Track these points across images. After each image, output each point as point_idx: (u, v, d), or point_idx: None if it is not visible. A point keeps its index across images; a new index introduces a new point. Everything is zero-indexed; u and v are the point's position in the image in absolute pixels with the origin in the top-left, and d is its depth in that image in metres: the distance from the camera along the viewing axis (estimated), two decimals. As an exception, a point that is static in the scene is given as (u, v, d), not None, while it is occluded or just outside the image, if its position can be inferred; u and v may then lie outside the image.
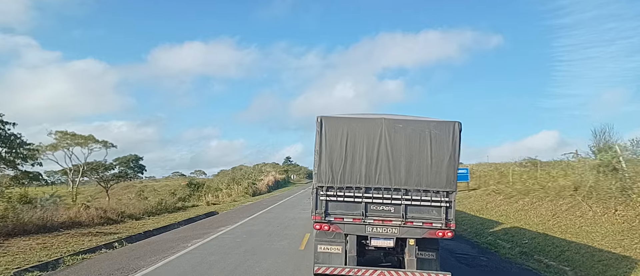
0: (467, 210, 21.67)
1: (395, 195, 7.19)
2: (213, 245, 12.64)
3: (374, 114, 8.04)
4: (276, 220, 19.93)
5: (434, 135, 7.13)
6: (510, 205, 19.13)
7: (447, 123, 7.21)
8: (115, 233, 15.44)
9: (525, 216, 16.56)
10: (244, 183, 50.08)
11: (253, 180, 53.34)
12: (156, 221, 20.28)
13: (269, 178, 64.82)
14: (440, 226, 7.13)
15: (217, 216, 23.40)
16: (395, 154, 7.17)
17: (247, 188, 49.16)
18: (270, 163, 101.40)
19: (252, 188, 49.84)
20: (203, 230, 16.62)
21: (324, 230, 7.45)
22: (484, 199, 22.95)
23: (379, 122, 7.27)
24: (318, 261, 7.68)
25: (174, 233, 16.58)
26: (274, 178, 67.58)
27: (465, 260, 11.66)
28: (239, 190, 48.74)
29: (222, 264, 9.94)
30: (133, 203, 25.47)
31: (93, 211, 19.36)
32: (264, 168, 71.61)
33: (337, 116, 7.54)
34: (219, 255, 11.10)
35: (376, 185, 7.20)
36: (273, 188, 63.07)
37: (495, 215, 18.60)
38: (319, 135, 7.31)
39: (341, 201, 7.30)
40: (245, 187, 49.30)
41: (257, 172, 68.25)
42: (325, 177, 7.27)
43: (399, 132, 7.20)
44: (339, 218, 7.31)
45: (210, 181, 57.51)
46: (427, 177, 7.11)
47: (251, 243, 13.07)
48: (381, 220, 7.23)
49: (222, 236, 14.49)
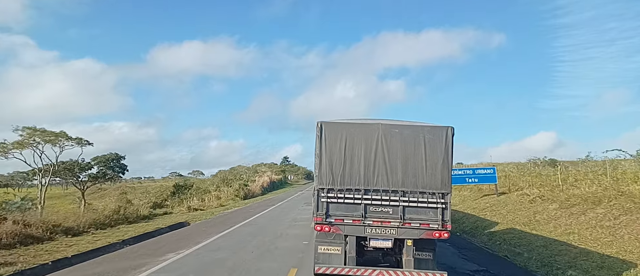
0: (510, 223, 16.48)
1: (393, 197, 7.43)
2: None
3: (371, 119, 8.26)
4: (256, 237, 14.81)
5: (428, 140, 7.46)
6: (575, 217, 13.95)
7: (440, 128, 7.55)
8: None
9: (619, 240, 11.28)
10: (234, 184, 44.98)
11: (245, 181, 48.15)
12: (95, 239, 15.13)
13: (264, 179, 59.69)
14: (437, 227, 7.36)
15: (183, 230, 18.24)
16: (392, 157, 7.48)
17: (238, 191, 44.05)
18: (268, 163, 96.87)
19: (243, 190, 44.72)
20: (137, 258, 11.46)
21: (324, 231, 7.60)
22: (526, 207, 17.77)
23: (376, 127, 7.62)
24: (318, 261, 7.84)
25: (87, 266, 11.39)
26: (270, 178, 62.44)
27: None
28: (228, 193, 43.73)
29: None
30: (83, 212, 20.40)
31: (9, 226, 14.24)
32: (259, 169, 66.38)
33: (336, 121, 7.86)
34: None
35: (375, 187, 7.47)
36: (268, 189, 57.99)
37: (560, 234, 13.32)
38: (319, 140, 7.62)
39: (342, 203, 7.50)
40: (235, 189, 44.19)
41: (253, 172, 63.12)
42: (326, 179, 7.52)
43: (395, 136, 7.53)
44: (340, 219, 7.50)
45: (201, 182, 52.41)
46: (422, 179, 7.39)
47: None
48: (380, 221, 7.46)
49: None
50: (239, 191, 43.99)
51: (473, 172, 22.13)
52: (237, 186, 44.49)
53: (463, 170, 22.80)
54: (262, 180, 58.30)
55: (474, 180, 21.94)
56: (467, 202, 24.04)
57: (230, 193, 43.62)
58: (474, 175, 21.89)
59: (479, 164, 37.80)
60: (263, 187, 55.89)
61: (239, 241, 14.10)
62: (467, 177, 21.99)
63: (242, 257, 11.12)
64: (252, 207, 29.39)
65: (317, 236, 7.91)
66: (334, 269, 7.45)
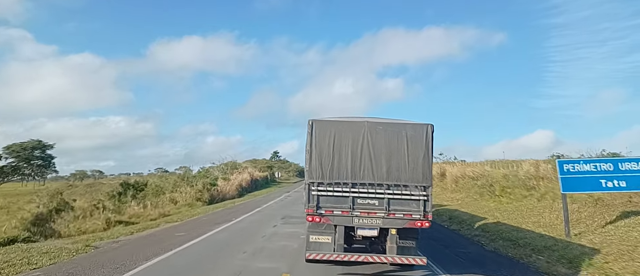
0: None
1: (379, 190, 7.87)
2: None
3: (358, 117, 8.54)
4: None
5: (410, 136, 7.89)
6: None
7: (421, 125, 8.01)
8: None
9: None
10: (198, 184, 33.77)
11: (212, 179, 36.91)
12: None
13: (243, 177, 48.48)
14: (419, 217, 7.82)
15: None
16: (377, 153, 7.89)
17: (202, 192, 32.88)
18: (261, 159, 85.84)
19: (209, 191, 33.53)
20: None
21: (315, 222, 7.98)
22: None
23: (362, 125, 8.03)
24: (310, 249, 8.21)
25: None
26: (251, 176, 51.23)
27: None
28: (188, 195, 32.55)
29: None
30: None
31: None
32: (240, 165, 55.01)
33: (326, 119, 8.31)
34: None
35: (361, 181, 7.89)
36: (249, 189, 46.86)
37: None
38: (310, 136, 8.01)
39: (331, 195, 7.92)
40: (198, 190, 33.00)
41: (230, 167, 51.83)
42: (316, 174, 7.93)
43: (380, 133, 7.96)
44: (329, 210, 7.92)
45: (162, 180, 41.10)
46: (405, 172, 7.84)
47: None
48: (367, 212, 7.89)
49: None
50: (202, 192, 32.82)
51: (616, 166, 11.20)
52: (201, 186, 33.28)
53: (593, 162, 11.75)
54: (241, 178, 47.10)
55: (618, 184, 11.05)
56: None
57: (191, 195, 32.46)
58: (619, 173, 10.98)
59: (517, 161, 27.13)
60: (240, 187, 44.72)
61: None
62: (604, 177, 11.10)
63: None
64: (201, 221, 18.28)
65: (309, 227, 8.30)
66: (323, 255, 7.98)
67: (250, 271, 8.84)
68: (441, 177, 38.30)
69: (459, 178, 27.43)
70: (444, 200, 26.07)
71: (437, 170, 39.92)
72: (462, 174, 27.70)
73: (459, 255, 11.31)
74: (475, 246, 12.65)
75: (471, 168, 28.53)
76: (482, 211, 18.79)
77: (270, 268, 9.13)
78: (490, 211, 18.40)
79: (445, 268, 9.53)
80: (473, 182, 25.22)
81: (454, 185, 27.55)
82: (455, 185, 27.17)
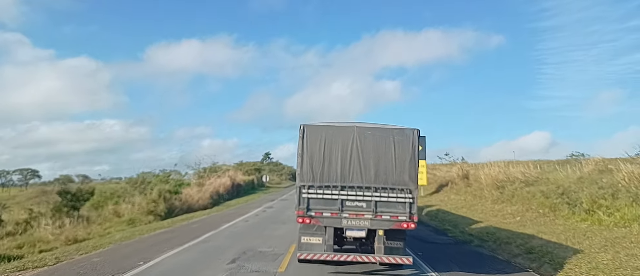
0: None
1: (366, 193, 8.06)
2: None
3: (348, 122, 8.78)
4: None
5: (397, 141, 8.12)
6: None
7: (407, 130, 8.23)
8: None
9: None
10: (153, 192, 26.04)
11: (174, 186, 29.13)
12: None
13: (222, 181, 40.77)
14: (405, 219, 8.03)
15: None
16: (365, 157, 8.11)
17: (157, 202, 25.20)
18: (253, 162, 78.10)
19: (166, 202, 25.84)
20: None
21: (306, 223, 8.16)
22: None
23: (352, 130, 8.24)
24: (301, 249, 8.41)
25: None
26: (232, 180, 43.48)
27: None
28: (140, 206, 24.95)
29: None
30: None
31: None
32: (220, 167, 47.19)
33: (317, 124, 8.45)
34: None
35: (350, 184, 8.08)
36: (227, 196, 39.20)
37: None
38: (301, 141, 8.19)
39: (321, 198, 8.09)
40: (152, 199, 25.31)
41: (209, 171, 44.08)
42: (307, 177, 8.11)
43: (368, 137, 8.16)
44: (319, 212, 8.09)
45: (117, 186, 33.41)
46: (392, 176, 8.05)
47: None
48: (355, 214, 8.10)
49: None
50: (157, 203, 25.10)
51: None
52: (157, 194, 25.54)
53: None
54: (218, 183, 39.38)
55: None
56: None
57: (141, 206, 24.77)
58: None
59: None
60: (217, 194, 37.04)
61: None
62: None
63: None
64: (92, 262, 10.58)
65: (300, 228, 8.48)
66: (314, 255, 8.11)
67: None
68: (463, 179, 30.77)
69: (504, 183, 19.71)
70: (480, 213, 18.52)
71: (456, 172, 32.42)
72: (507, 177, 20.02)
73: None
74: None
75: (516, 168, 20.94)
76: (598, 245, 10.48)
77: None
78: (613, 243, 10.48)
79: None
80: (527, 188, 17.61)
81: (495, 193, 19.84)
82: (499, 193, 19.44)
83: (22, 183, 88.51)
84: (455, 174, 32.05)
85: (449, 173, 33.42)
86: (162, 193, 25.65)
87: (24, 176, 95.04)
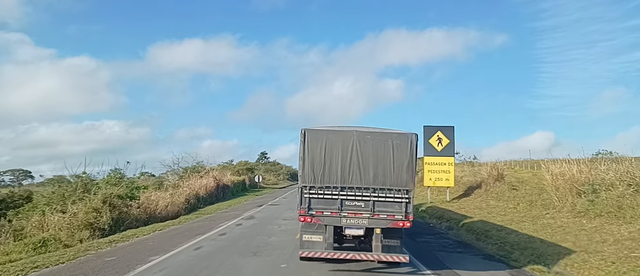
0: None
1: (365, 193, 8.47)
2: None
3: (348, 127, 9.17)
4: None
5: (396, 145, 8.44)
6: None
7: (406, 135, 8.59)
8: None
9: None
10: (97, 197, 19.54)
11: (128, 189, 22.59)
12: None
13: (204, 182, 34.32)
14: (401, 218, 8.43)
15: None
16: (365, 160, 8.47)
17: (99, 212, 18.74)
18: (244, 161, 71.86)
19: (114, 210, 19.35)
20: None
21: (307, 222, 8.63)
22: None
23: (351, 134, 8.60)
24: (303, 247, 8.87)
25: None
26: (217, 181, 37.00)
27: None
28: (76, 217, 18.62)
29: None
30: None
31: None
32: (203, 167, 40.65)
33: (318, 128, 8.85)
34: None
35: (350, 185, 8.49)
36: (209, 200, 32.86)
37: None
38: (303, 144, 8.56)
39: (321, 198, 8.53)
40: (93, 208, 18.83)
41: (190, 171, 37.64)
42: (308, 178, 8.52)
43: (368, 141, 8.51)
44: (320, 212, 8.53)
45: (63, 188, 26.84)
46: (390, 178, 8.41)
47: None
48: (354, 213, 8.51)
49: None
50: (100, 212, 18.62)
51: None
52: (100, 201, 19.03)
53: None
54: (198, 185, 32.94)
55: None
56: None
57: (78, 217, 18.33)
58: None
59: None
60: (196, 197, 30.65)
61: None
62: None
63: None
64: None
65: (302, 227, 8.98)
66: (315, 253, 8.54)
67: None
68: (496, 182, 24.42)
69: (596, 187, 13.06)
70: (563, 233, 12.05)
71: (488, 172, 26.09)
72: (588, 178, 13.45)
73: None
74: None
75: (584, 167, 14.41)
76: None
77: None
78: None
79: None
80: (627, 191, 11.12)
81: (577, 200, 13.20)
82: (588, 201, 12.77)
83: (15, 184, 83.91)
84: (486, 174, 25.90)
85: (479, 174, 27.43)
86: (107, 199, 19.17)
87: (16, 177, 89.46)
